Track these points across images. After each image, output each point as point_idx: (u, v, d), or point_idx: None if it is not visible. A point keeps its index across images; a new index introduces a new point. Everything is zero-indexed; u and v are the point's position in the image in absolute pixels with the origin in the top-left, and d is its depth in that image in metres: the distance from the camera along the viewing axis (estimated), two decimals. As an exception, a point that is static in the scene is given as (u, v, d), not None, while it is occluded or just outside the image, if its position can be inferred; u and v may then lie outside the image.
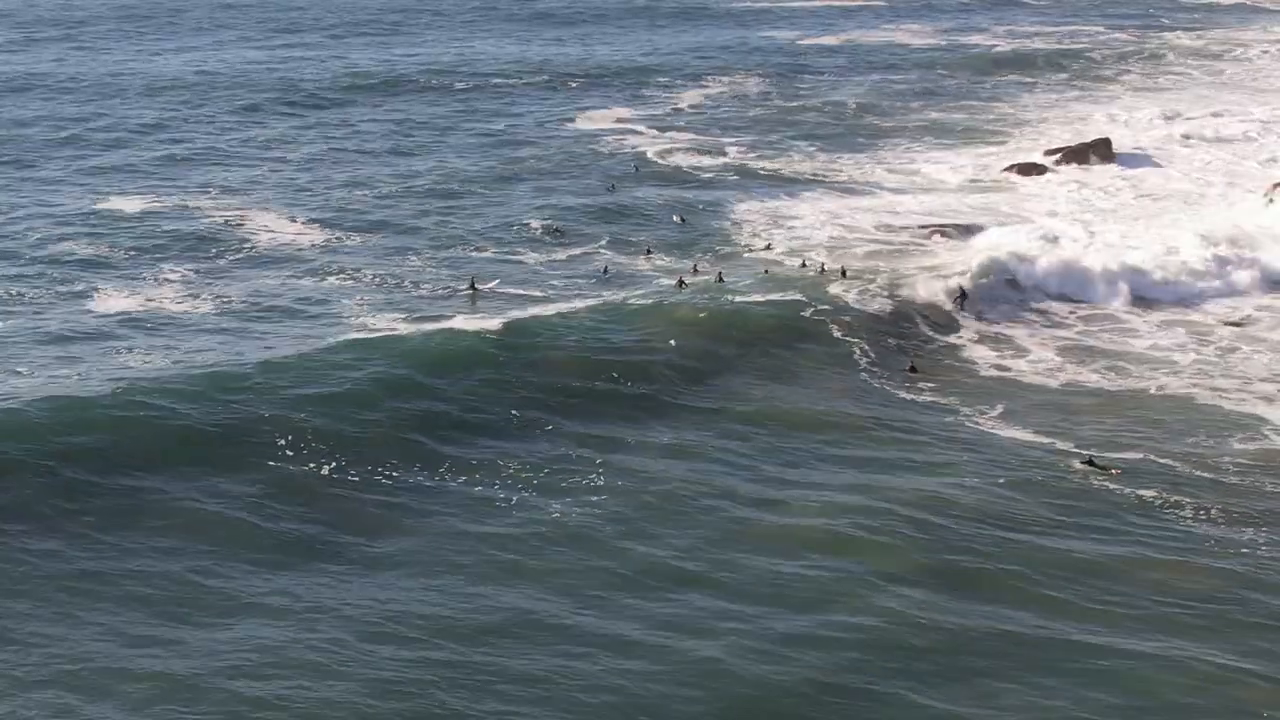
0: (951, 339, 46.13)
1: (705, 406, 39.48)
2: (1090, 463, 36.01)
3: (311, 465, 34.51)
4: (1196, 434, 38.56)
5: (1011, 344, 45.94)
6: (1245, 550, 31.79)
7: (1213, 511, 33.59)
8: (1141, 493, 34.47)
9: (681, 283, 49.20)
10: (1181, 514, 33.53)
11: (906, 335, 45.76)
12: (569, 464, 35.26)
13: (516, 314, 44.55)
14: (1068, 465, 36.06)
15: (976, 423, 39.02)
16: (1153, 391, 41.91)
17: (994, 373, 43.40)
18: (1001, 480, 34.74)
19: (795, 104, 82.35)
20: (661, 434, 37.35)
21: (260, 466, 34.24)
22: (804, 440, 37.26)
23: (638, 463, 35.42)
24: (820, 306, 46.61)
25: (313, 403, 37.07)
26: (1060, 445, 37.24)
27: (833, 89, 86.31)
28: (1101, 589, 29.88)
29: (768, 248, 54.56)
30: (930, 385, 41.81)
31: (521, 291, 48.68)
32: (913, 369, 43.06)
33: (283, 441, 35.32)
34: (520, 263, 52.64)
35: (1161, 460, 36.56)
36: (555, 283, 50.10)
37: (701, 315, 45.20)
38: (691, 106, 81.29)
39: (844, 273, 49.73)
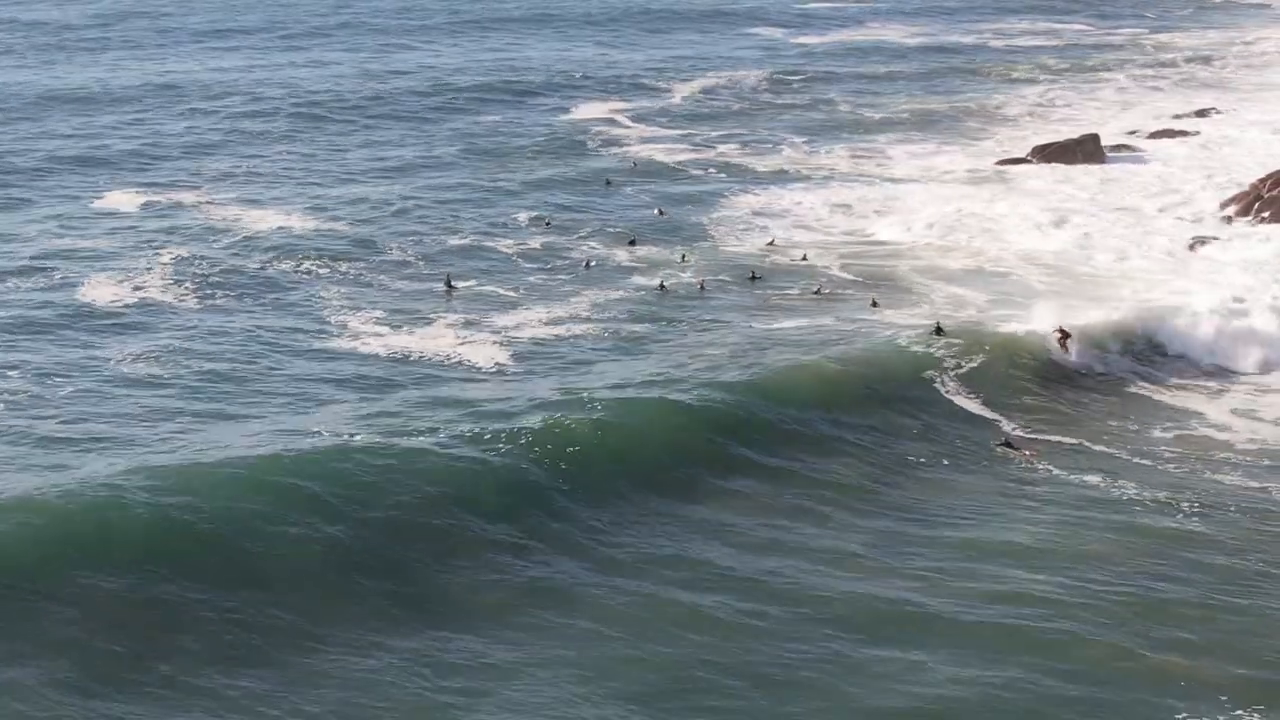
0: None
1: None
2: (1007, 444, 37.25)
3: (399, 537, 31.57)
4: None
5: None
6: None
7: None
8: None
9: (663, 286, 49.49)
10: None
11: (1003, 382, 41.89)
12: (676, 542, 32.24)
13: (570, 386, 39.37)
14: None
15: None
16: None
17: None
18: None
19: (787, 101, 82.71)
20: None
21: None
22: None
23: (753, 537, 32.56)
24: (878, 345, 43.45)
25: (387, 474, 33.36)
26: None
27: (824, 87, 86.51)
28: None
29: (771, 243, 54.85)
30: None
31: (500, 291, 49.14)
32: (874, 303, 46.64)
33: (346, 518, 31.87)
34: (503, 258, 53.03)
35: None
36: (533, 279, 50.57)
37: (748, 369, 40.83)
38: (685, 103, 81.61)
39: (874, 302, 47.74)
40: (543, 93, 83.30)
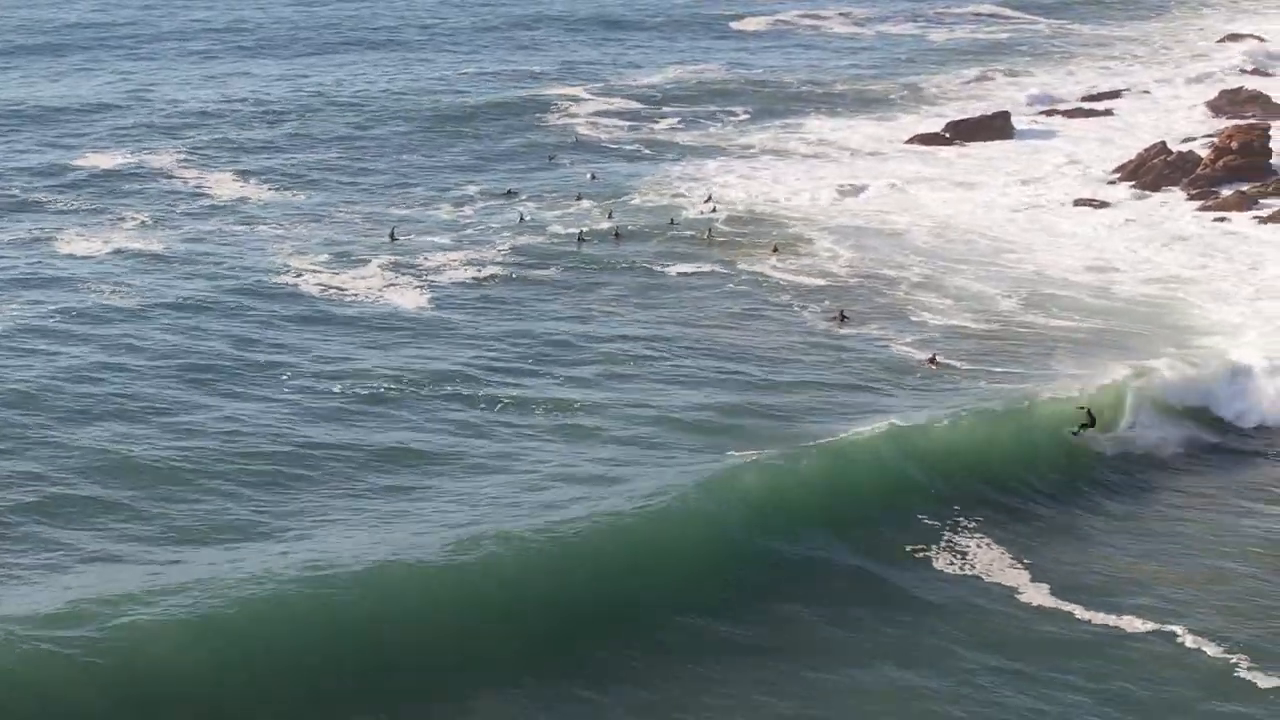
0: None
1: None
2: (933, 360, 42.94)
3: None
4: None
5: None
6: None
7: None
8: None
9: (581, 237, 55.67)
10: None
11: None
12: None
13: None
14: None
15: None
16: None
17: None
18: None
19: (728, 85, 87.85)
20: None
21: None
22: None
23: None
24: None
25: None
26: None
27: (770, 71, 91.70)
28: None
29: (707, 199, 60.94)
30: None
31: (436, 239, 55.30)
32: (841, 315, 46.91)
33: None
34: (444, 217, 58.96)
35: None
36: (469, 231, 56.60)
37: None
38: (634, 90, 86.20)
39: (774, 248, 53.82)
40: (501, 81, 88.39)
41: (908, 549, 32.65)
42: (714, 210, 59.33)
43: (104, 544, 31.48)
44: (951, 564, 31.99)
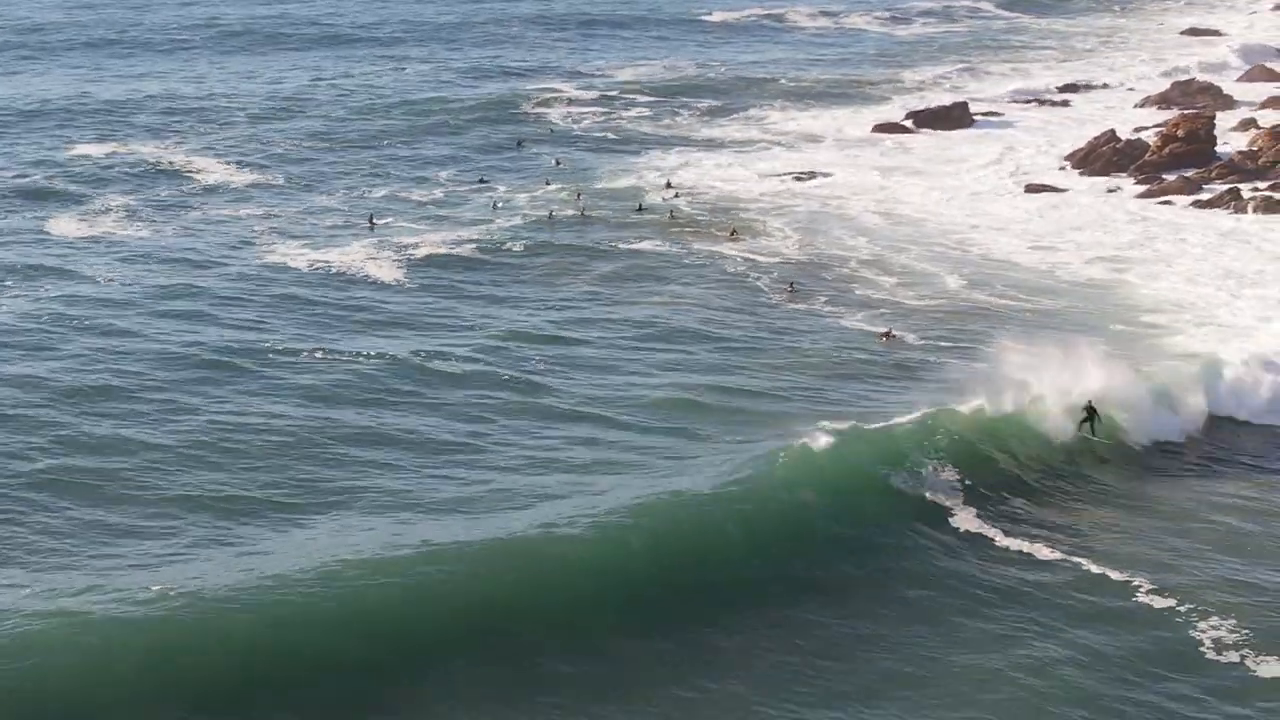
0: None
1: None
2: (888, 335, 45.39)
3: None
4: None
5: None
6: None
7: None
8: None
9: (551, 216, 58.39)
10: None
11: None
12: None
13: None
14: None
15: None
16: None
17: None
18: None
19: (701, 77, 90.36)
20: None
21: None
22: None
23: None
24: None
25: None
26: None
27: (737, 64, 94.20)
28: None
29: (667, 185, 63.67)
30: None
31: (413, 225, 57.68)
32: (791, 287, 49.90)
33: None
34: (420, 204, 61.39)
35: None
36: (445, 217, 59.02)
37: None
38: (607, 85, 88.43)
39: (733, 232, 56.25)
40: (477, 76, 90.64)
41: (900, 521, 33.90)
42: (676, 196, 61.92)
43: (104, 523, 32.70)
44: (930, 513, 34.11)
